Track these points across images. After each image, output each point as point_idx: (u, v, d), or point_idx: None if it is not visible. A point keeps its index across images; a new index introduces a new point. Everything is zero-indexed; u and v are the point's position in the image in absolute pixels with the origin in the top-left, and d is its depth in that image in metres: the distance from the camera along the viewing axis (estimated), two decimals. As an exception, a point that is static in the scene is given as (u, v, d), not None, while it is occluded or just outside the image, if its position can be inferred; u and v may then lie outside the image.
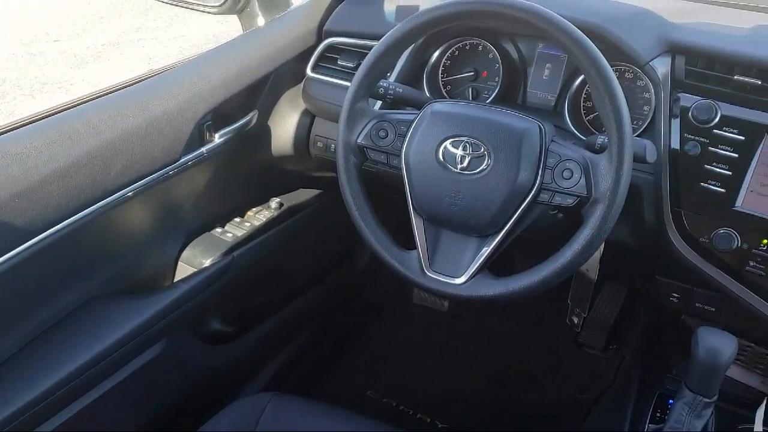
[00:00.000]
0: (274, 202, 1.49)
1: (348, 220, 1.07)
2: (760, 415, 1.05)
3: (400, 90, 1.13)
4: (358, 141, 1.05)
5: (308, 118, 1.45)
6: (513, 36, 1.29)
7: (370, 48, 1.05)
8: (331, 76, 1.37)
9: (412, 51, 1.29)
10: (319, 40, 1.41)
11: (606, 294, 1.89)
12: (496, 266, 1.01)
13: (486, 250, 0.98)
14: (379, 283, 2.02)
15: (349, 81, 1.06)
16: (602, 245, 1.17)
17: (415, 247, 1.03)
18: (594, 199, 0.92)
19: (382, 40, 1.02)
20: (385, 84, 1.12)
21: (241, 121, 1.33)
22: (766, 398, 1.09)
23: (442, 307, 2.08)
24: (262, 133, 1.42)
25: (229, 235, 1.38)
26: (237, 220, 1.43)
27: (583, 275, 1.28)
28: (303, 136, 1.45)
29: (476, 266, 0.99)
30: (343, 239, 1.77)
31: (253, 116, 1.35)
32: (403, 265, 1.03)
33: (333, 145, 1.17)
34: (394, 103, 1.15)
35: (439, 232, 1.03)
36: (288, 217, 1.50)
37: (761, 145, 1.01)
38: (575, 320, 1.42)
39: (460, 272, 1.00)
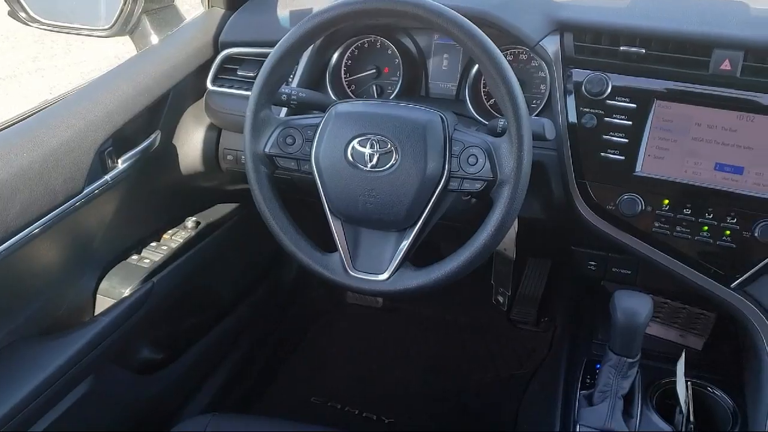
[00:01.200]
0: (190, 222, 1.46)
1: (269, 230, 1.06)
2: (680, 367, 1.10)
3: (303, 94, 1.13)
4: (266, 150, 1.04)
5: (215, 132, 1.42)
6: (409, 30, 1.31)
7: (267, 55, 1.04)
8: (233, 87, 1.35)
9: (312, 53, 1.29)
10: (216, 52, 1.39)
11: (531, 269, 1.94)
12: (423, 256, 1.03)
13: (405, 244, 1.00)
14: (310, 289, 2.02)
15: (251, 90, 1.05)
16: (516, 224, 1.20)
17: (336, 249, 1.03)
18: (500, 181, 0.94)
19: (277, 46, 1.02)
20: (287, 90, 1.11)
21: (144, 144, 1.29)
22: (684, 350, 1.14)
23: (377, 303, 2.09)
24: (167, 153, 1.39)
25: (147, 261, 1.34)
26: (153, 244, 1.39)
27: (501, 255, 1.31)
28: (211, 151, 1.42)
29: (398, 260, 1.00)
30: (267, 250, 1.75)
31: (156, 137, 1.32)
32: (326, 267, 1.03)
33: (243, 157, 1.15)
34: (300, 108, 1.15)
35: (358, 231, 1.03)
36: (206, 235, 1.48)
37: (652, 111, 1.06)
38: (501, 300, 1.45)
39: (382, 268, 1.01)
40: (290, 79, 1.28)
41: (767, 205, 1.02)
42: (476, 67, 1.24)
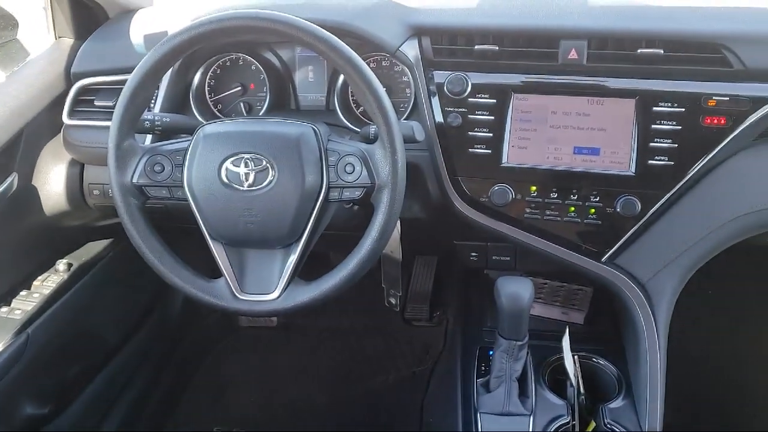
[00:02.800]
0: (61, 265, 1.38)
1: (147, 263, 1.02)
2: (566, 343, 1.16)
3: (167, 119, 1.09)
4: (134, 181, 1.00)
5: (77, 167, 1.35)
6: (271, 45, 1.30)
7: (125, 83, 1.00)
8: (91, 119, 1.29)
9: (172, 76, 1.25)
10: (69, 85, 1.32)
11: (420, 267, 1.98)
12: (313, 268, 1.03)
13: (293, 259, 0.99)
14: (200, 318, 1.96)
15: (111, 121, 1.00)
16: (399, 225, 1.22)
17: (221, 274, 1.01)
18: (379, 187, 0.96)
19: (134, 72, 0.98)
20: (149, 116, 1.07)
21: (0, 188, 1.21)
22: (567, 326, 1.21)
23: (272, 323, 2.06)
24: (28, 195, 1.30)
25: (18, 311, 1.26)
26: (23, 293, 1.31)
27: (388, 258, 1.33)
28: (75, 188, 1.35)
29: (287, 277, 0.99)
30: (148, 284, 1.68)
31: (12, 180, 1.24)
32: (213, 294, 1.01)
33: (110, 191, 1.10)
34: (165, 133, 1.11)
35: (243, 252, 1.01)
36: (81, 276, 1.40)
37: (511, 104, 1.12)
38: (393, 301, 1.47)
39: (272, 287, 0.99)
40: (152, 105, 1.24)
41: (625, 181, 1.10)
42: (342, 77, 1.25)
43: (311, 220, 0.98)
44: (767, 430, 1.74)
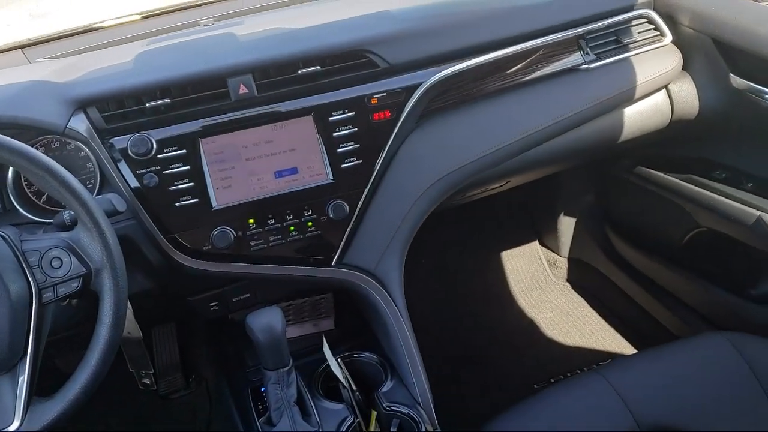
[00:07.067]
0: None
1: None
2: (326, 351, 1.21)
3: None
4: None
5: None
6: None
7: None
8: None
9: None
10: None
11: (159, 338, 1.89)
12: (47, 382, 0.93)
13: (23, 379, 0.89)
14: None
15: None
16: (128, 303, 1.16)
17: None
18: (96, 271, 0.91)
19: None
20: None
21: None
22: (322, 335, 1.27)
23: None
24: None
25: None
26: None
27: (128, 340, 1.26)
28: None
29: (23, 401, 0.88)
30: None
31: None
32: None
33: None
34: None
35: None
36: None
37: (201, 150, 1.13)
38: (147, 381, 1.39)
39: (9, 418, 0.88)
40: None
41: (328, 189, 1.19)
42: (11, 170, 1.14)
43: (31, 332, 0.89)
44: (513, 362, 2.01)
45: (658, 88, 1.48)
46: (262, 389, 1.19)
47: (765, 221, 1.36)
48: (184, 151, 1.12)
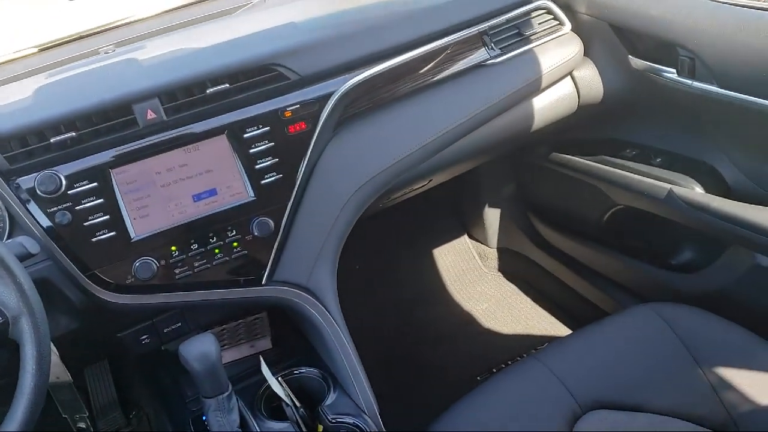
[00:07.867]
0: None
1: None
2: (266, 371, 1.19)
3: None
4: None
5: None
6: None
7: None
8: None
9: None
10: None
11: (93, 377, 1.82)
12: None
13: None
14: None
15: None
16: (53, 347, 1.11)
17: None
18: (13, 319, 0.87)
19: None
20: None
21: None
22: (260, 356, 1.25)
23: None
24: None
25: None
26: None
27: (57, 385, 1.21)
28: None
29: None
30: None
31: None
32: None
33: None
34: None
35: None
36: None
37: (114, 181, 1.09)
38: (83, 426, 1.34)
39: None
40: None
41: (250, 207, 1.17)
42: None
43: None
44: (452, 357, 2.03)
45: (563, 76, 1.53)
46: (204, 418, 1.16)
47: (676, 194, 1.42)
48: (96, 184, 1.08)
